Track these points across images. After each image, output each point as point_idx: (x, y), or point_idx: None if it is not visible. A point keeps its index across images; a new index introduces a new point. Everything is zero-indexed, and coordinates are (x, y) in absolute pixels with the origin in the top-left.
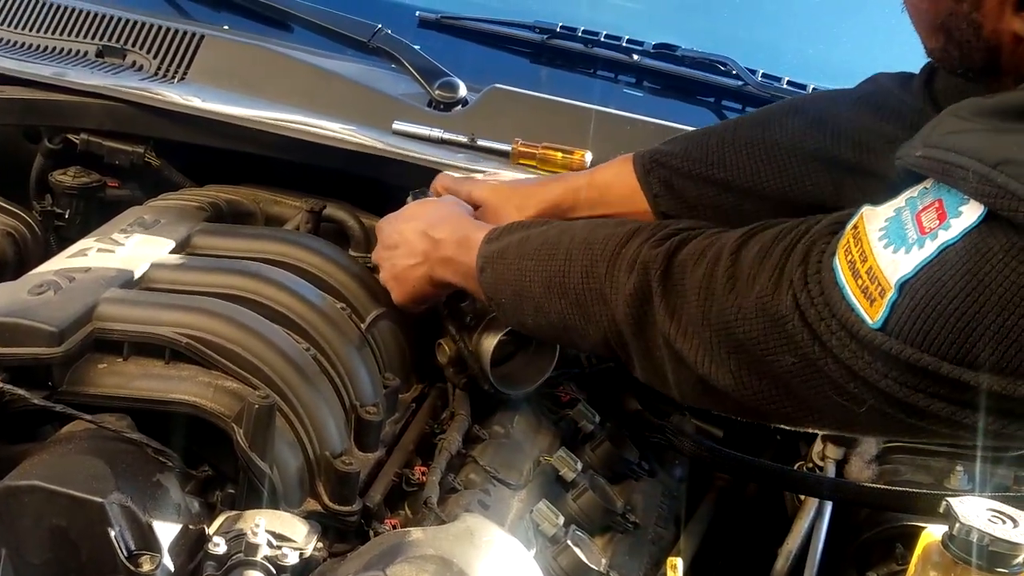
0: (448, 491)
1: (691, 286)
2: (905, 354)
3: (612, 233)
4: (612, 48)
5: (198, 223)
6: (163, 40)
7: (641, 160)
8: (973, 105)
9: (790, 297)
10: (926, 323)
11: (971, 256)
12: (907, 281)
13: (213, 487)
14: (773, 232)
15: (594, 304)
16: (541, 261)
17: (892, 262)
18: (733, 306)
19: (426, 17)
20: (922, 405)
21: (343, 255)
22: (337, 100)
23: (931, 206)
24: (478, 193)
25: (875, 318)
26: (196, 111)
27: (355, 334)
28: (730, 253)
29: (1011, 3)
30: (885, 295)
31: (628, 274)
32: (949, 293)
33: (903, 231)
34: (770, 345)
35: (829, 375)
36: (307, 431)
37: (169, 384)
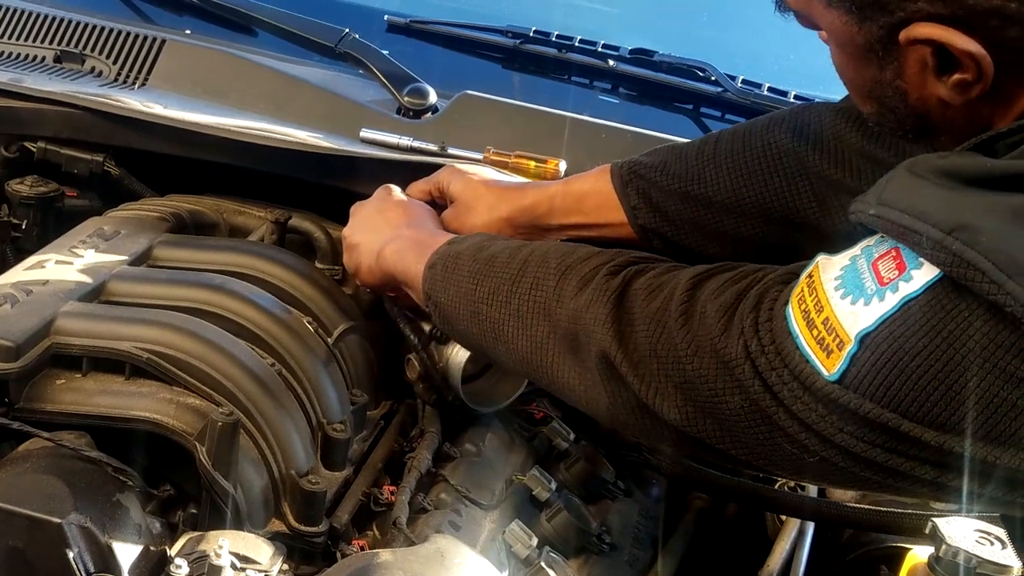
0: (418, 511)
1: (642, 317)
2: (864, 409)
3: (571, 251)
4: (587, 53)
5: (159, 234)
6: (123, 45)
7: (619, 171)
8: (927, 163)
9: (741, 343)
10: (887, 378)
11: (935, 312)
12: (868, 334)
13: (175, 507)
14: (730, 274)
15: (535, 316)
16: (495, 267)
17: (851, 314)
18: (683, 342)
19: (395, 21)
20: (880, 460)
21: (309, 267)
22: (303, 107)
23: (887, 255)
24: (454, 187)
25: (832, 370)
26: (157, 118)
27: (322, 349)
28: (685, 290)
29: (931, 69)
30: (844, 347)
31: (578, 291)
32: (912, 349)
33: (860, 282)
34: (718, 386)
35: (780, 425)
36: (272, 449)
37: (129, 401)
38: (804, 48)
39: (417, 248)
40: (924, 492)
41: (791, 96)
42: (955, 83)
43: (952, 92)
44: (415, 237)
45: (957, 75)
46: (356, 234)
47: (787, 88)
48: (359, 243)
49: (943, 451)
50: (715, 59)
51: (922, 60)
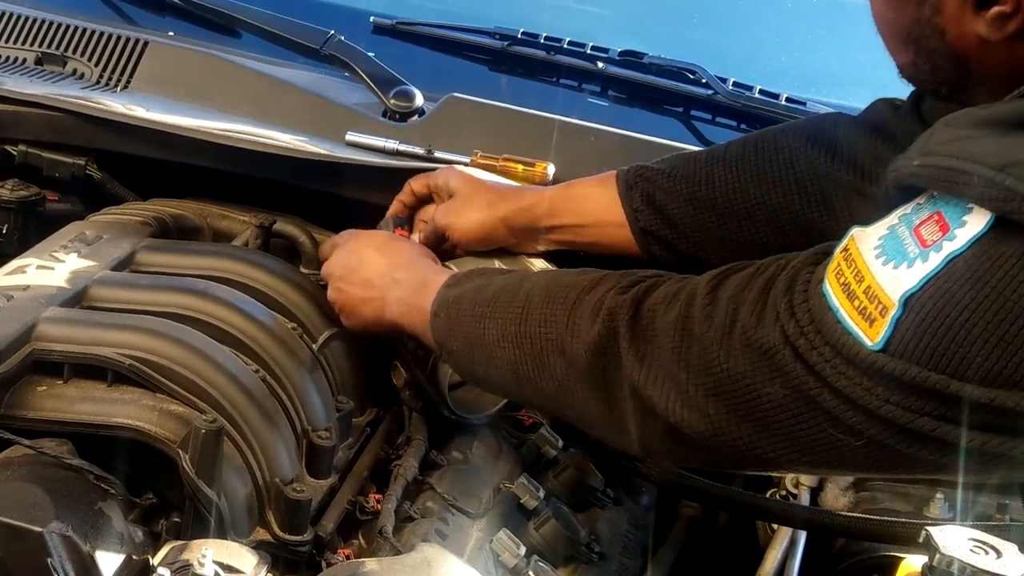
0: (404, 519)
1: (663, 329)
2: (910, 374)
3: (574, 281)
4: (576, 55)
5: (142, 239)
6: (105, 47)
7: (625, 175)
8: (968, 116)
9: (778, 329)
10: (933, 338)
11: (981, 264)
12: (912, 295)
13: (158, 515)
14: (750, 270)
15: (551, 355)
16: (498, 308)
17: (894, 278)
18: (714, 344)
19: (381, 23)
20: (927, 430)
21: (294, 272)
22: (288, 110)
23: (929, 219)
24: (454, 182)
25: (875, 339)
26: (140, 121)
27: (307, 355)
28: (705, 292)
29: (970, 4)
30: (887, 313)
31: (592, 321)
32: (959, 304)
33: (902, 246)
34: (757, 380)
35: (824, 407)
36: (256, 457)
37: (112, 407)
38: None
39: (418, 294)
40: (972, 464)
41: (782, 98)
42: (994, 17)
43: (990, 27)
44: (411, 282)
45: (996, 8)
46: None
47: (778, 90)
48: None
49: (994, 409)
50: (705, 61)
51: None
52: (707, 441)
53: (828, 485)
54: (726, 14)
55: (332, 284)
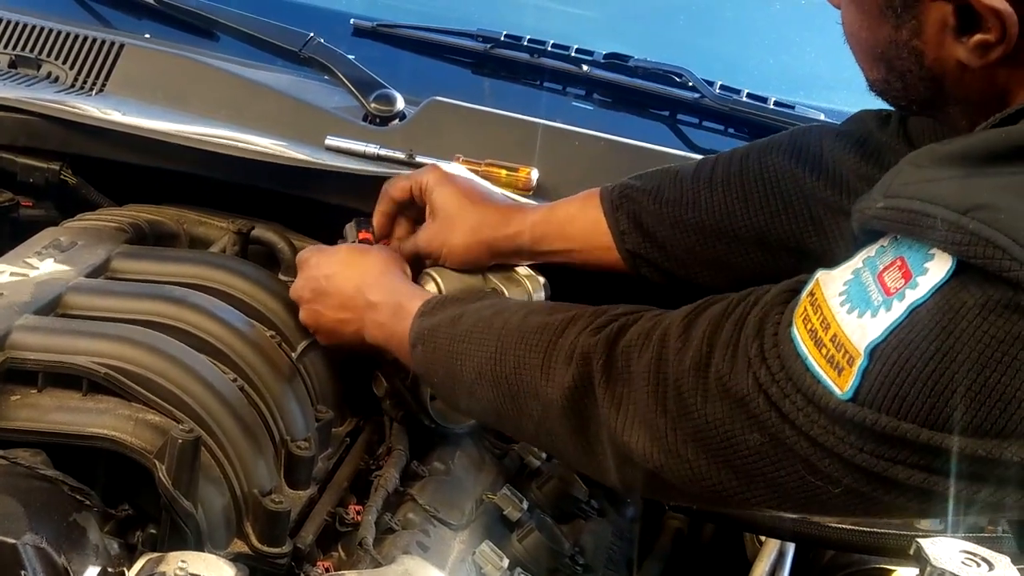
0: (385, 531)
1: (638, 373)
2: (880, 423)
3: (546, 322)
4: (560, 58)
5: (118, 245)
6: (80, 50)
7: (609, 195)
8: (930, 153)
9: (750, 376)
10: (901, 389)
11: (943, 314)
12: (877, 346)
13: (134, 527)
14: (720, 307)
15: (526, 398)
16: (472, 345)
17: (859, 327)
18: (689, 388)
19: (361, 25)
20: (901, 478)
21: (272, 280)
22: (266, 114)
23: (892, 265)
24: (436, 197)
25: (844, 388)
26: (116, 125)
27: (285, 364)
28: (678, 334)
29: (951, 28)
30: (854, 363)
31: (566, 366)
32: (924, 355)
33: (866, 294)
34: (735, 427)
35: (801, 455)
36: (234, 467)
37: (87, 417)
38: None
39: (395, 320)
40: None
41: (770, 102)
42: (976, 44)
43: (972, 54)
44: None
45: (979, 35)
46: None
47: (767, 94)
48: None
49: (966, 457)
50: (692, 64)
51: (942, 18)
52: (687, 487)
53: None
54: (713, 16)
55: (303, 307)
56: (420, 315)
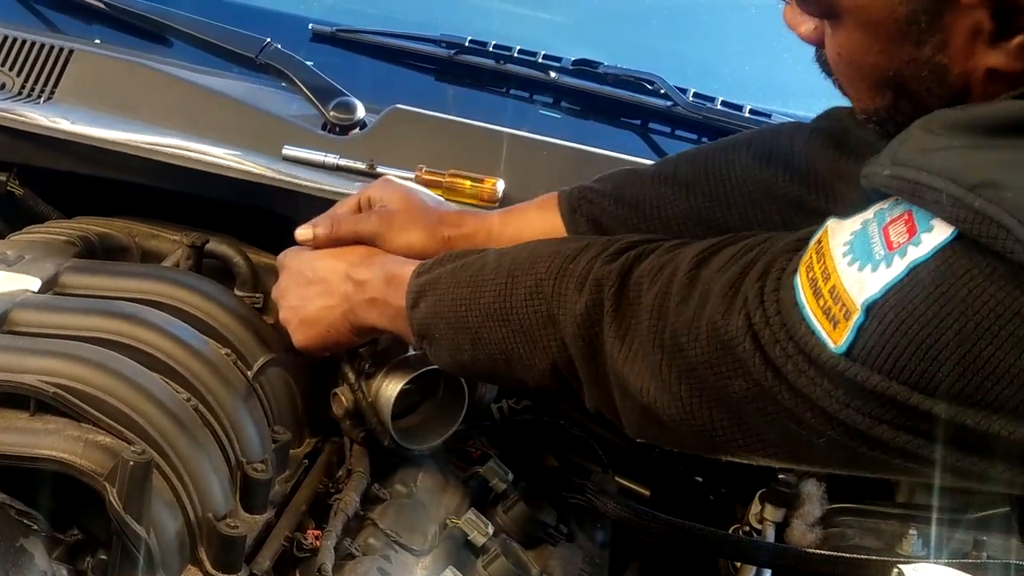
0: (344, 557)
1: (645, 305)
2: (872, 382)
3: (558, 249)
4: (527, 64)
5: (67, 259)
6: (27, 55)
7: (567, 197)
8: (945, 118)
9: (742, 317)
10: (895, 349)
11: (944, 277)
12: (874, 303)
13: (83, 552)
14: (734, 248)
15: (541, 328)
16: (479, 287)
17: (858, 281)
18: (684, 326)
19: (320, 30)
20: (886, 438)
21: (228, 295)
22: (221, 122)
23: (899, 218)
24: (389, 197)
25: (839, 342)
26: (64, 134)
27: (241, 383)
28: (688, 270)
29: (986, 35)
30: (851, 317)
31: (578, 292)
32: (921, 317)
33: (869, 247)
34: (721, 369)
35: (783, 403)
36: (187, 490)
37: (35, 438)
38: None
39: (387, 291)
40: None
41: (746, 111)
42: (1017, 47)
43: (1010, 58)
44: (376, 280)
45: (1021, 36)
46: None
47: (742, 102)
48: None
49: (955, 426)
50: (665, 71)
51: (975, 26)
52: (679, 425)
53: (794, 521)
54: (686, 21)
55: (283, 305)
56: (416, 275)
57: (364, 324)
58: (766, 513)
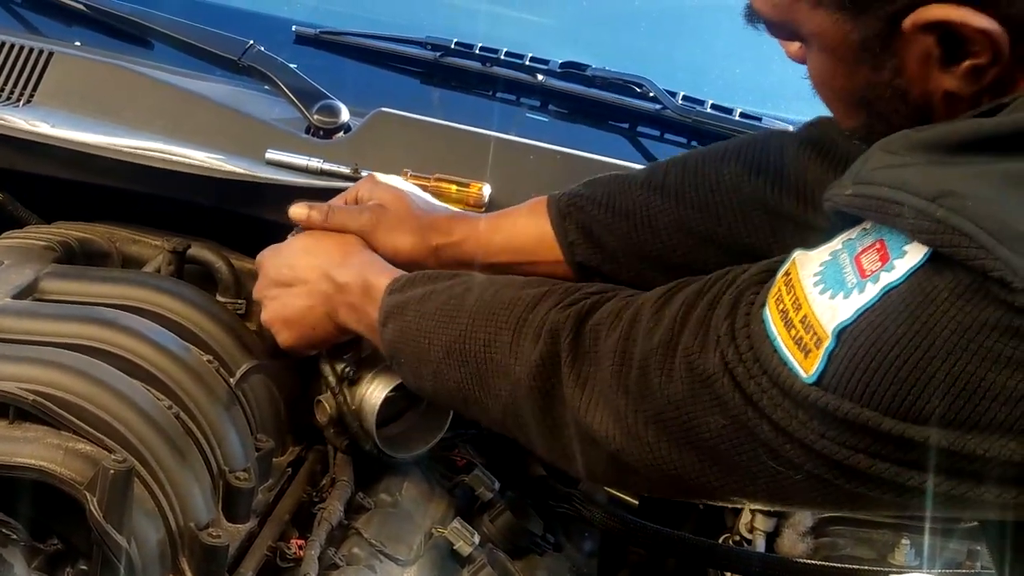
0: (328, 567)
1: (605, 351)
2: (843, 410)
3: (517, 297)
4: (514, 67)
5: (46, 265)
6: (6, 58)
7: (556, 203)
8: (904, 139)
9: (718, 355)
10: (865, 374)
11: (915, 298)
12: (845, 328)
13: (63, 562)
14: (696, 286)
15: (495, 377)
16: (442, 322)
17: (830, 308)
18: (654, 368)
19: (303, 32)
20: (863, 467)
21: (210, 301)
22: (203, 125)
23: (872, 247)
24: (379, 195)
25: (810, 371)
26: (44, 138)
27: (223, 390)
28: (651, 314)
29: (936, 59)
30: (821, 345)
31: (534, 343)
32: (890, 339)
33: (841, 275)
34: (697, 408)
35: (762, 438)
36: (169, 499)
37: (13, 446)
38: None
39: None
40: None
41: (736, 114)
42: (967, 71)
43: (962, 82)
44: (354, 286)
45: (968, 61)
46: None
47: (732, 105)
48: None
49: (928, 448)
50: (653, 73)
51: (925, 51)
52: (649, 471)
53: (785, 530)
54: (676, 23)
55: (265, 305)
56: (389, 292)
57: (344, 324)
58: (756, 523)
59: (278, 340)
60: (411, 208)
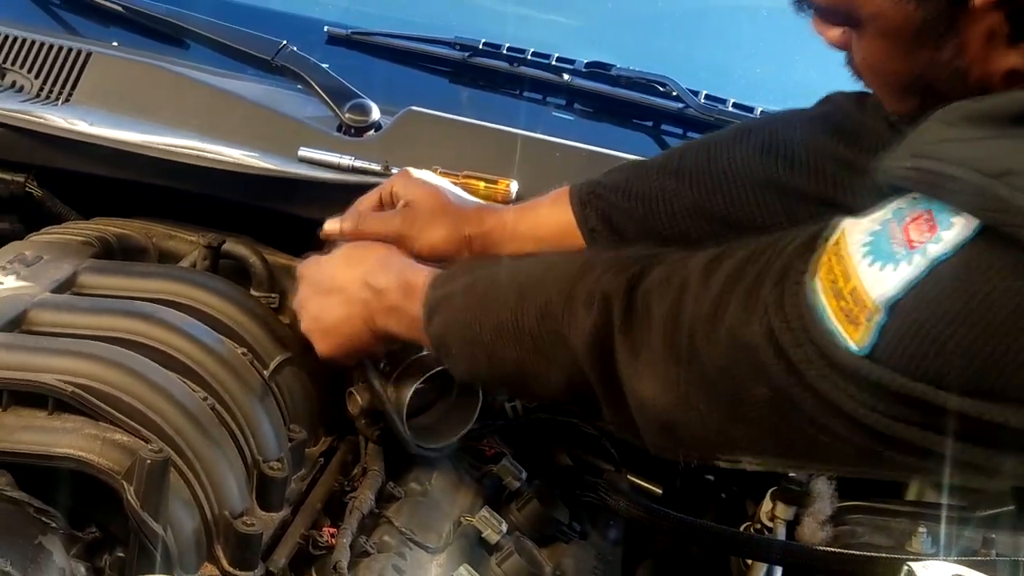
0: (360, 555)
1: (657, 319)
2: (896, 383)
3: (567, 268)
4: (540, 67)
5: (84, 260)
6: (46, 58)
7: (578, 192)
8: (962, 109)
9: (764, 323)
10: (919, 348)
11: (968, 273)
12: (897, 302)
13: (101, 550)
14: (745, 253)
15: (553, 347)
16: (490, 305)
17: (879, 280)
18: (701, 336)
19: (335, 33)
20: (914, 440)
21: (244, 295)
22: (237, 124)
23: (920, 217)
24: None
25: (861, 344)
26: (82, 136)
27: (257, 382)
28: (699, 279)
29: (1003, 37)
30: (873, 317)
31: (587, 310)
32: (945, 315)
33: (889, 245)
34: (742, 377)
35: (806, 410)
36: (204, 488)
37: (53, 437)
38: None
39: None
40: (965, 475)
41: (757, 112)
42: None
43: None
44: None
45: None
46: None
47: (753, 104)
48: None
49: (980, 422)
50: (676, 73)
51: (991, 29)
52: (698, 439)
53: (805, 519)
54: (698, 24)
55: (305, 314)
56: (432, 287)
57: (385, 331)
58: (777, 511)
59: (316, 349)
60: (444, 201)
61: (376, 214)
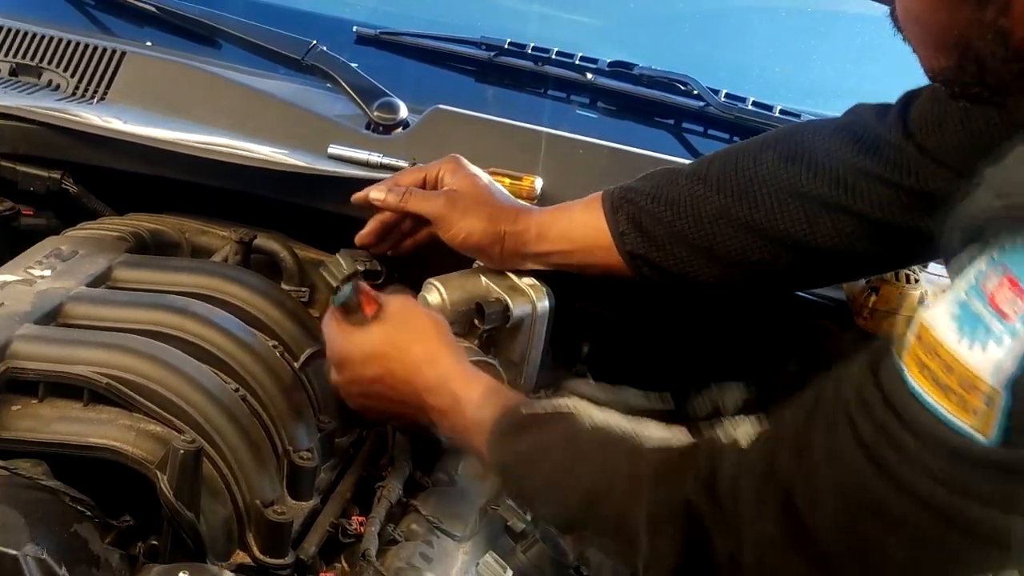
0: (388, 542)
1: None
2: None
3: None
4: (564, 66)
5: (119, 254)
6: (81, 57)
7: (610, 197)
8: None
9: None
10: None
11: None
12: (1017, 379)
13: (135, 538)
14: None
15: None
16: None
17: (987, 362)
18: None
19: (364, 33)
20: None
21: (275, 289)
22: (268, 122)
23: (1001, 285)
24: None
25: (990, 433)
26: (117, 134)
27: (288, 374)
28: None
29: None
30: (993, 403)
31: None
32: None
33: (983, 323)
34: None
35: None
36: (236, 478)
37: (88, 427)
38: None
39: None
40: None
41: (776, 111)
42: None
43: None
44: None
45: None
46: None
47: (772, 102)
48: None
49: None
50: (697, 72)
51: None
52: None
53: None
54: (718, 24)
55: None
56: (492, 439)
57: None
58: None
59: (348, 405)
60: (487, 195)
61: (421, 191)
